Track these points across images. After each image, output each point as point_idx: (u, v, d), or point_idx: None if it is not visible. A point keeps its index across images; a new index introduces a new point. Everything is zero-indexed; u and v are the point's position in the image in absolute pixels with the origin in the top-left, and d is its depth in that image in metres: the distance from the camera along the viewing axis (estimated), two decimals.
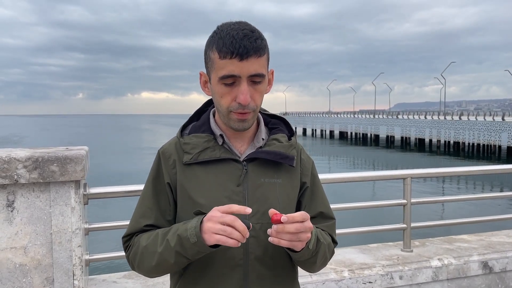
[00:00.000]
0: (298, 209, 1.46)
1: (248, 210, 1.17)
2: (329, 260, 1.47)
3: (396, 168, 30.16)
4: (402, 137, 56.42)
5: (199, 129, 1.42)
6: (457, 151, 45.81)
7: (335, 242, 1.51)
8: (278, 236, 1.20)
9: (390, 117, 65.89)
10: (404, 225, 3.45)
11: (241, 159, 1.37)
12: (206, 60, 1.34)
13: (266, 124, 1.49)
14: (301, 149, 1.51)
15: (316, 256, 1.35)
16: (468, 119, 48.89)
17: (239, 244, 1.16)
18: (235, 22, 1.29)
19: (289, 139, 1.46)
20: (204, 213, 1.23)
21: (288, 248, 1.28)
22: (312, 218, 1.40)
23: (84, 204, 2.48)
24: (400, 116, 64.23)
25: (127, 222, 2.73)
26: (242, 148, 1.41)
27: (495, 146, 41.93)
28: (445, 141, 48.92)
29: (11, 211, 2.20)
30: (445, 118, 53.60)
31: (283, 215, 1.19)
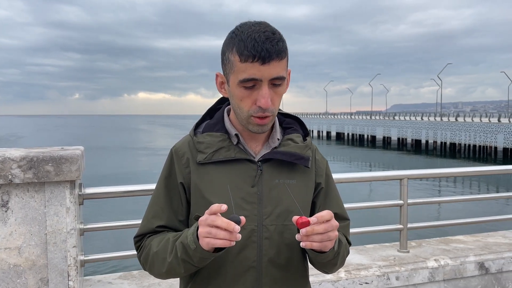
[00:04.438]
0: (312, 210, 1.44)
1: (224, 207, 1.12)
2: (345, 259, 1.45)
3: (392, 169, 30.23)
4: (398, 138, 56.57)
5: (213, 127, 1.39)
6: (453, 152, 45.96)
7: (349, 243, 1.49)
8: (309, 239, 1.17)
9: (386, 118, 66.05)
10: (401, 226, 3.45)
11: (256, 160, 1.35)
12: (224, 62, 1.30)
13: (280, 124, 1.47)
14: (316, 149, 1.49)
15: (337, 257, 1.33)
16: (464, 120, 49.04)
17: (232, 243, 1.12)
18: (255, 23, 1.25)
19: (304, 139, 1.44)
20: None
21: (314, 250, 1.25)
22: None
23: (79, 205, 2.46)
24: (396, 117, 64.45)
25: (123, 223, 2.74)
26: (257, 148, 1.39)
27: (491, 147, 42.10)
28: (441, 142, 49.07)
29: (5, 211, 2.18)
30: (441, 119, 53.77)
31: (311, 217, 1.16)
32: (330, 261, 1.31)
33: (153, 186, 2.73)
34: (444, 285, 3.25)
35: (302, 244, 1.17)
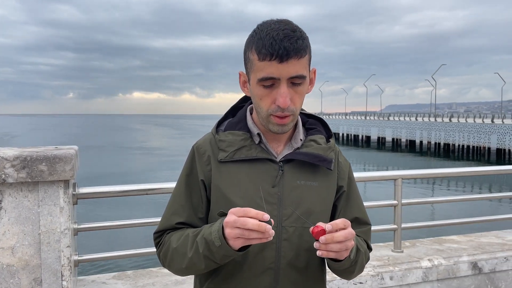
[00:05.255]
0: (333, 213, 1.42)
1: (266, 216, 1.11)
2: (365, 266, 1.43)
3: (387, 169, 30.33)
4: (393, 139, 56.79)
5: (235, 126, 1.37)
6: (447, 152, 46.20)
7: (370, 249, 1.47)
8: (327, 248, 1.15)
9: (381, 118, 66.29)
10: (395, 226, 3.46)
11: (278, 160, 1.34)
12: (245, 61, 1.30)
13: (303, 124, 1.44)
14: (339, 151, 1.46)
15: (355, 266, 1.32)
16: (458, 121, 49.31)
17: (270, 239, 1.11)
18: (275, 21, 1.24)
19: (327, 140, 1.42)
20: (226, 214, 1.19)
21: (330, 258, 1.24)
22: None
23: (73, 204, 2.45)
24: (391, 118, 64.64)
25: (117, 223, 2.73)
26: (279, 148, 1.37)
27: (484, 147, 42.37)
28: (435, 143, 49.31)
29: None
30: (435, 120, 54.03)
31: (326, 224, 1.15)
32: (346, 269, 1.30)
33: (148, 186, 2.74)
34: (437, 285, 3.26)
35: (318, 253, 1.16)
